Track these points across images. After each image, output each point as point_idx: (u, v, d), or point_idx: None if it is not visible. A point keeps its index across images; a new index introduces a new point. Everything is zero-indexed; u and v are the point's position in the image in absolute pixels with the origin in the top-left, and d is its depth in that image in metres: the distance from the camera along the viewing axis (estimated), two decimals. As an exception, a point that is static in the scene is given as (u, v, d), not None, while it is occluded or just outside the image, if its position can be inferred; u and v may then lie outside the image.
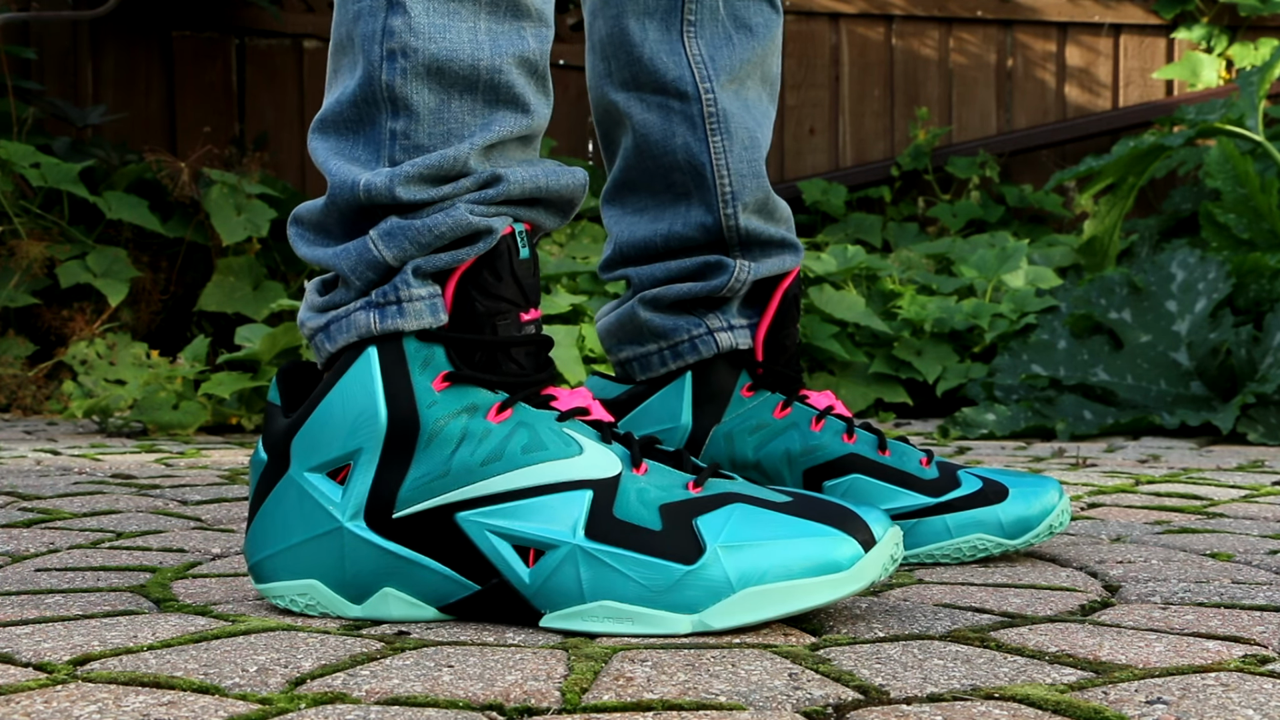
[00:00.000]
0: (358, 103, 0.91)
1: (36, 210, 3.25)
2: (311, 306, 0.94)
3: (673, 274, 1.19)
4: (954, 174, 4.24)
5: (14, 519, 1.35)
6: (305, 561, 0.90)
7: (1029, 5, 4.45)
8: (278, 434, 0.91)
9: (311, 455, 0.89)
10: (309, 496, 0.89)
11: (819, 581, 0.84)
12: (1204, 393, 2.66)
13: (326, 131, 0.93)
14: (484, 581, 0.87)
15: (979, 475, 1.13)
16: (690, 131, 1.17)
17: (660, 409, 1.17)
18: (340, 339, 0.90)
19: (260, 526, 0.92)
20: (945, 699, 0.70)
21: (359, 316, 0.89)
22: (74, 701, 0.68)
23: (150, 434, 2.48)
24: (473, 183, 0.90)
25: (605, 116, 1.22)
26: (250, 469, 0.94)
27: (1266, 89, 3.17)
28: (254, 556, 0.92)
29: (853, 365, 3.07)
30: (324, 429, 0.89)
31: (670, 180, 1.18)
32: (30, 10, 3.79)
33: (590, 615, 0.85)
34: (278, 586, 0.91)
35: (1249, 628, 0.87)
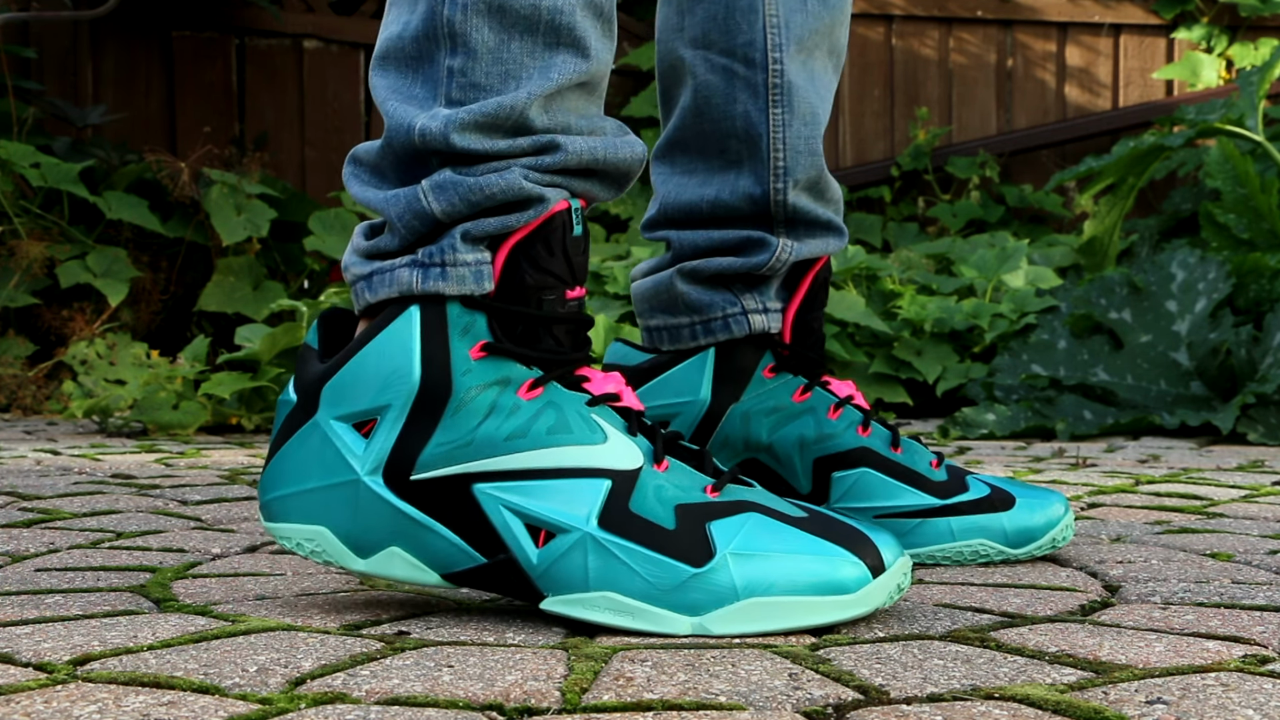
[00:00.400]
0: (419, 38, 0.89)
1: (36, 210, 3.25)
2: (357, 250, 0.92)
3: (714, 244, 1.17)
4: (954, 174, 4.24)
5: (14, 519, 1.35)
6: (317, 508, 0.90)
7: (1029, 5, 4.45)
8: (310, 378, 0.90)
9: (340, 404, 0.89)
10: (331, 444, 0.89)
11: (823, 601, 0.85)
12: (1204, 393, 2.66)
13: (386, 67, 0.92)
14: (491, 555, 0.87)
15: (988, 482, 1.13)
16: (752, 99, 1.15)
17: (680, 381, 1.16)
18: (381, 291, 0.89)
19: (278, 466, 0.91)
20: (945, 699, 0.70)
21: (402, 273, 0.88)
22: (74, 701, 0.68)
23: (150, 434, 2.48)
24: (531, 145, 0.89)
25: (669, 71, 1.19)
26: (277, 408, 0.93)
27: (1266, 89, 3.17)
28: (267, 494, 0.92)
29: (853, 365, 3.07)
30: (356, 380, 0.88)
31: (724, 146, 1.16)
32: (30, 10, 3.79)
33: (592, 604, 0.85)
34: (286, 528, 0.91)
35: (1249, 628, 0.87)
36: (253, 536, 1.26)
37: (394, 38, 0.91)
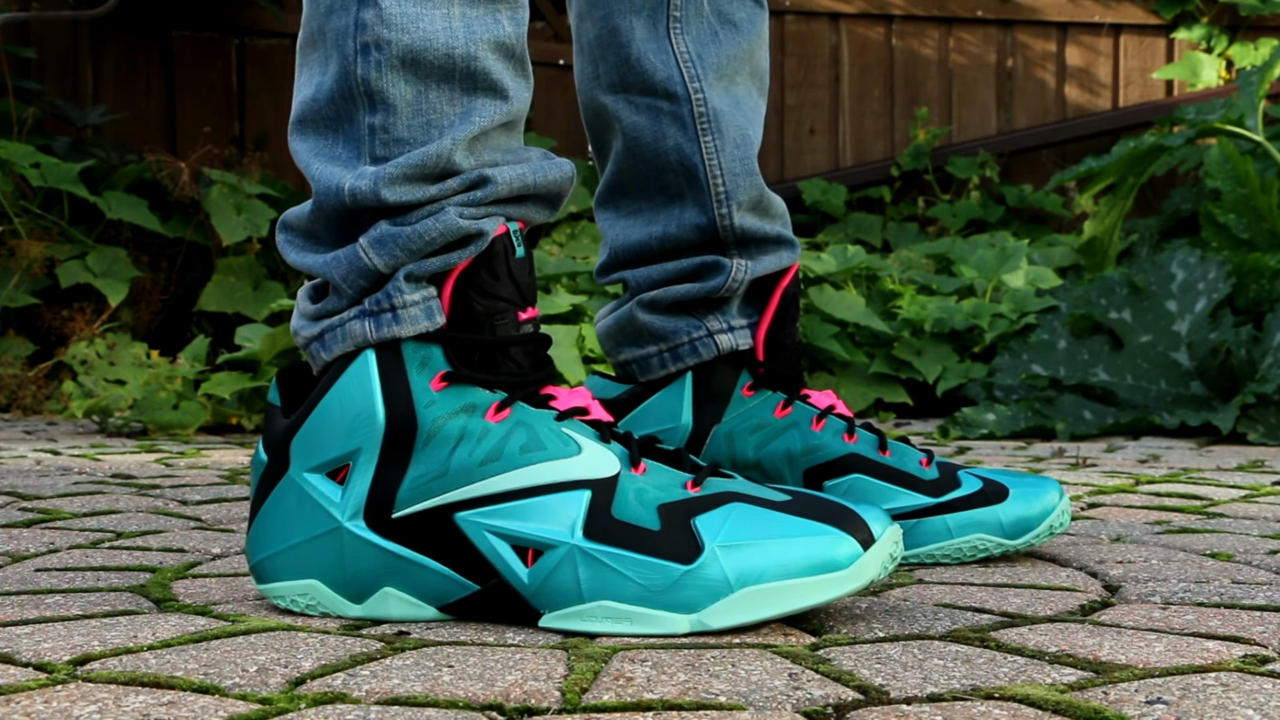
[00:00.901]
0: (335, 99, 0.90)
1: (36, 210, 3.25)
2: (304, 314, 0.93)
3: (670, 275, 1.18)
4: (954, 174, 4.25)
5: (14, 519, 1.35)
6: (306, 561, 0.90)
7: (1029, 5, 4.45)
8: (277, 435, 0.91)
9: (310, 455, 0.89)
10: (308, 497, 0.89)
11: (818, 580, 0.84)
12: (1204, 393, 2.66)
13: (305, 131, 0.92)
14: (483, 581, 0.87)
15: (979, 475, 1.13)
16: (681, 132, 1.16)
17: (661, 409, 1.17)
18: (335, 348, 0.90)
19: (261, 527, 0.92)
20: (945, 699, 0.70)
21: (354, 326, 0.89)
22: (74, 701, 0.68)
23: (150, 434, 2.48)
24: (460, 184, 0.90)
25: (595, 120, 1.21)
26: (251, 469, 0.94)
27: (1266, 89, 3.17)
28: (255, 557, 0.92)
29: (853, 365, 3.07)
30: (322, 430, 0.89)
31: (663, 182, 1.18)
32: (30, 10, 3.79)
33: (589, 615, 0.85)
34: (279, 587, 0.91)
35: (1249, 628, 0.87)
36: (253, 536, 1.26)
37: (309, 100, 0.91)
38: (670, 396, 1.17)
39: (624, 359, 1.20)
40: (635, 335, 1.18)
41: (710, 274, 1.17)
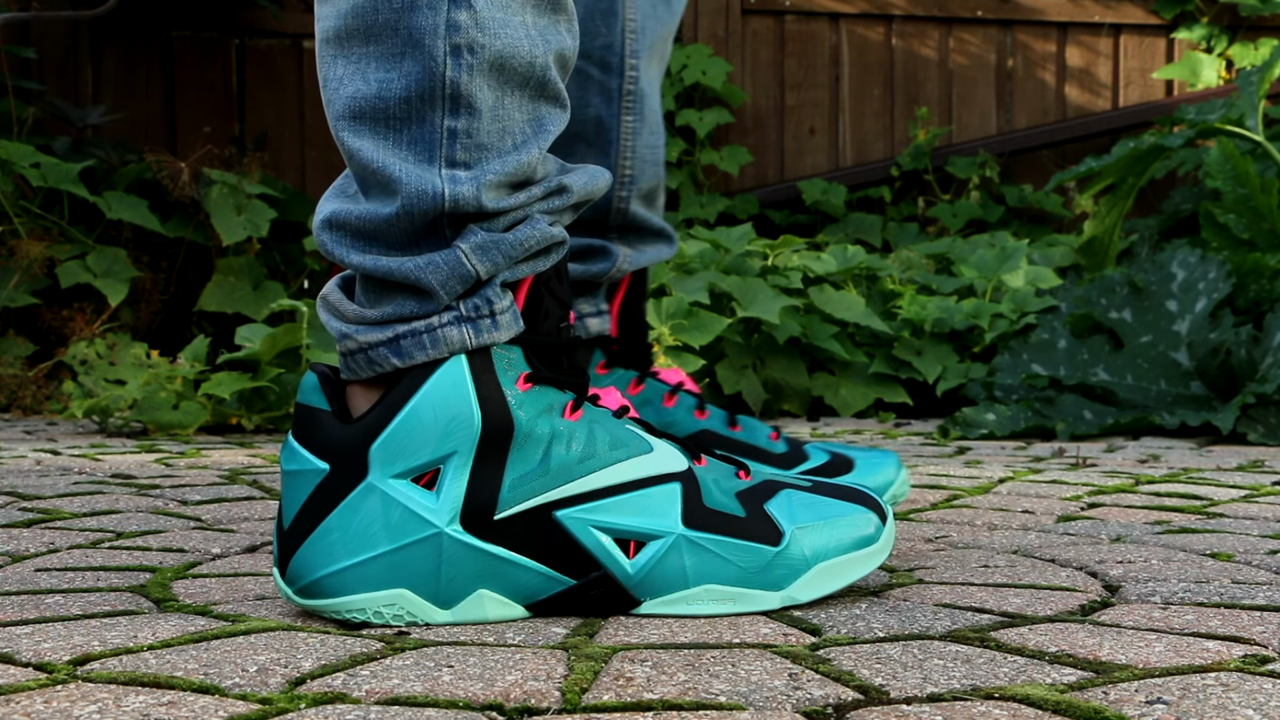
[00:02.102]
0: (409, 99, 0.87)
1: (36, 210, 3.25)
2: (359, 320, 0.90)
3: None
4: (954, 174, 4.24)
5: (14, 519, 1.35)
6: (394, 571, 0.87)
7: (1029, 5, 4.45)
8: (345, 441, 0.87)
9: (396, 461, 0.87)
10: (397, 504, 0.87)
11: (862, 554, 0.95)
12: (1204, 393, 2.66)
13: (361, 127, 0.88)
14: (580, 575, 0.89)
15: (826, 449, 1.15)
16: (605, 104, 1.13)
17: None
18: (419, 354, 0.88)
19: (324, 541, 0.87)
20: (945, 699, 0.70)
21: (450, 332, 0.88)
22: (74, 701, 0.68)
23: (150, 434, 2.48)
24: (543, 191, 0.91)
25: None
26: (294, 481, 0.88)
27: (1266, 89, 3.17)
28: (318, 571, 0.87)
29: (853, 365, 3.07)
30: (411, 435, 0.87)
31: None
32: (30, 10, 3.79)
33: (694, 599, 0.91)
34: (357, 600, 0.87)
35: (1249, 628, 0.87)
36: (253, 536, 1.26)
37: (372, 97, 0.87)
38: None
39: None
40: None
41: (596, 258, 1.14)
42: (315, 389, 0.89)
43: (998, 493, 1.61)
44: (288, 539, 0.88)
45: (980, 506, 1.49)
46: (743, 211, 4.20)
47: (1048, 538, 1.26)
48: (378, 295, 0.90)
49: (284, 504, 0.89)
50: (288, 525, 0.88)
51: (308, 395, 0.89)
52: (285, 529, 0.89)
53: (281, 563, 0.89)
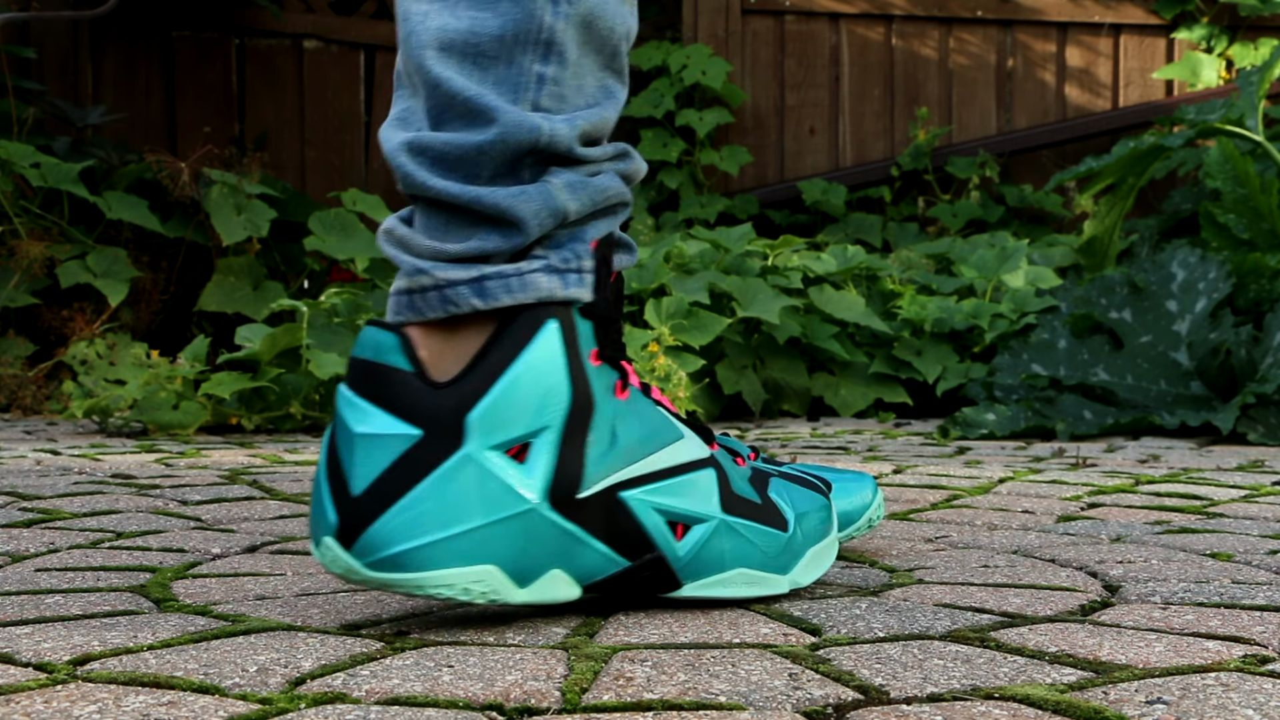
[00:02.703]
0: (503, 38, 0.84)
1: (36, 210, 3.25)
2: (436, 254, 0.85)
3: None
4: (954, 174, 4.25)
5: (14, 519, 1.35)
6: (485, 546, 0.82)
7: (1029, 5, 4.45)
8: (441, 408, 0.82)
9: (495, 432, 0.82)
10: (493, 477, 0.82)
11: (830, 540, 1.01)
12: (1204, 393, 2.66)
13: (450, 59, 0.85)
14: (636, 557, 0.89)
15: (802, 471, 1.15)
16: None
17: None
18: (505, 297, 0.84)
19: (415, 510, 0.81)
20: (945, 699, 0.70)
21: (539, 279, 0.85)
22: (74, 701, 0.68)
23: (150, 434, 2.48)
24: (613, 152, 0.90)
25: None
26: (362, 444, 0.81)
27: (1266, 89, 3.17)
28: (400, 544, 0.81)
29: (853, 365, 3.07)
30: (512, 405, 0.83)
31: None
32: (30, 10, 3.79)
33: (730, 583, 0.93)
34: (445, 575, 0.82)
35: (1249, 628, 0.87)
36: (253, 536, 1.26)
37: (466, 31, 0.85)
38: None
39: None
40: None
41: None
42: (396, 348, 0.82)
43: (998, 493, 1.61)
44: (359, 507, 0.81)
45: (980, 506, 1.49)
46: (743, 211, 4.20)
47: (1048, 538, 1.26)
48: (457, 227, 0.86)
49: (350, 469, 0.81)
50: (359, 492, 0.81)
51: (385, 354, 0.82)
52: (355, 495, 0.81)
53: (347, 533, 0.81)
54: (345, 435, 0.82)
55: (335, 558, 0.82)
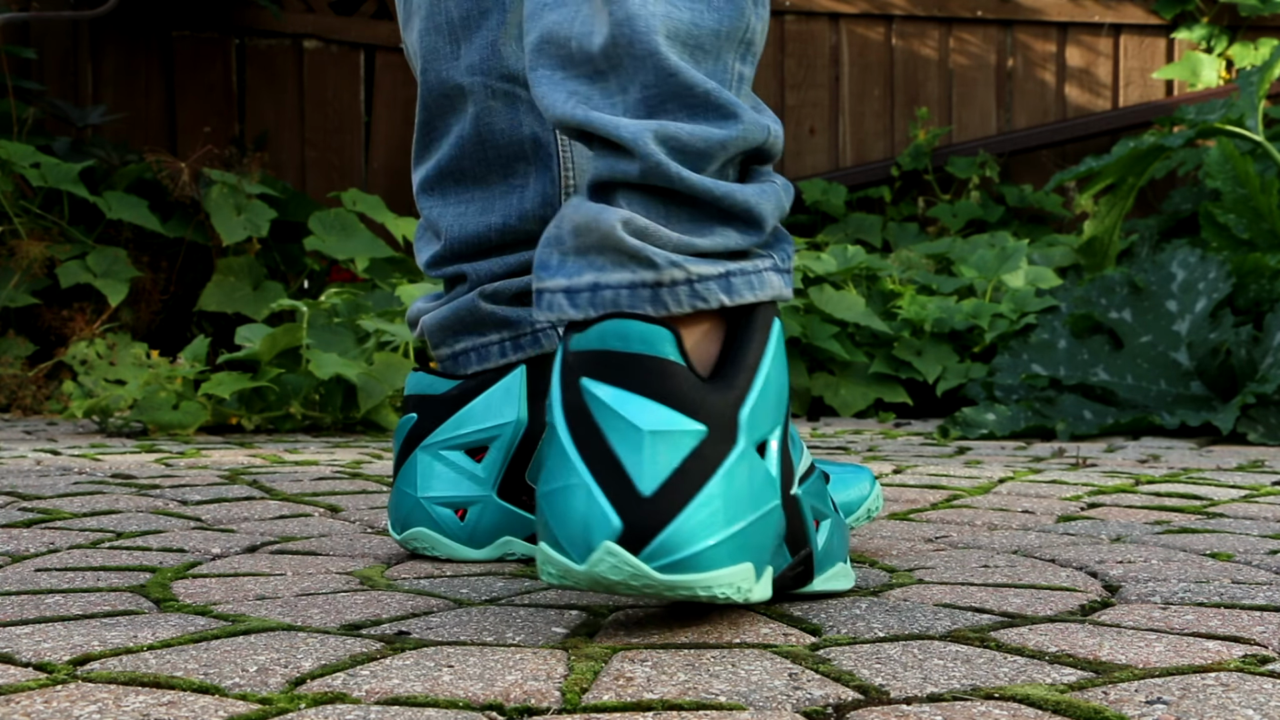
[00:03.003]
0: (720, 33, 0.84)
1: (36, 210, 3.25)
2: (688, 248, 0.83)
3: (511, 269, 1.15)
4: (954, 174, 4.25)
5: (14, 519, 1.35)
6: (748, 543, 0.80)
7: (1029, 5, 4.45)
8: (721, 404, 0.79)
9: (757, 428, 0.81)
10: (760, 470, 0.81)
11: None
12: (1204, 393, 2.66)
13: (675, 46, 0.83)
14: (795, 553, 0.89)
15: None
16: (538, 122, 1.13)
17: (494, 404, 1.12)
18: (748, 294, 0.83)
19: (709, 510, 0.78)
20: (945, 699, 0.70)
21: (772, 277, 0.85)
22: (74, 701, 0.68)
23: (150, 434, 2.48)
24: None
25: (442, 100, 1.15)
26: (653, 441, 0.77)
27: (1266, 89, 3.17)
28: (695, 545, 0.77)
29: (853, 365, 3.07)
30: (766, 401, 0.82)
31: (511, 170, 1.14)
32: (30, 10, 3.79)
33: (836, 577, 0.95)
34: (723, 575, 0.79)
35: (1249, 628, 0.87)
36: (253, 536, 1.26)
37: (687, 23, 0.83)
38: (503, 391, 1.12)
39: (461, 348, 1.15)
40: (476, 324, 1.14)
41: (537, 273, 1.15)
42: (671, 341, 0.78)
43: (998, 493, 1.61)
44: (655, 508, 0.77)
45: (980, 506, 1.49)
46: (743, 211, 4.19)
47: (1048, 538, 1.26)
48: (703, 222, 0.84)
49: (637, 467, 0.77)
50: (651, 492, 0.77)
51: (660, 348, 0.78)
52: (648, 496, 0.77)
53: (637, 536, 0.76)
54: (626, 432, 0.77)
55: (618, 564, 0.77)
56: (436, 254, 1.17)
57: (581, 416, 0.78)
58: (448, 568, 1.09)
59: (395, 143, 4.16)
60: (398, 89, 4.18)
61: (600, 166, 0.84)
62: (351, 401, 2.58)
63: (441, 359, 1.17)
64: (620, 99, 0.83)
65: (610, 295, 0.82)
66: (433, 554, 1.13)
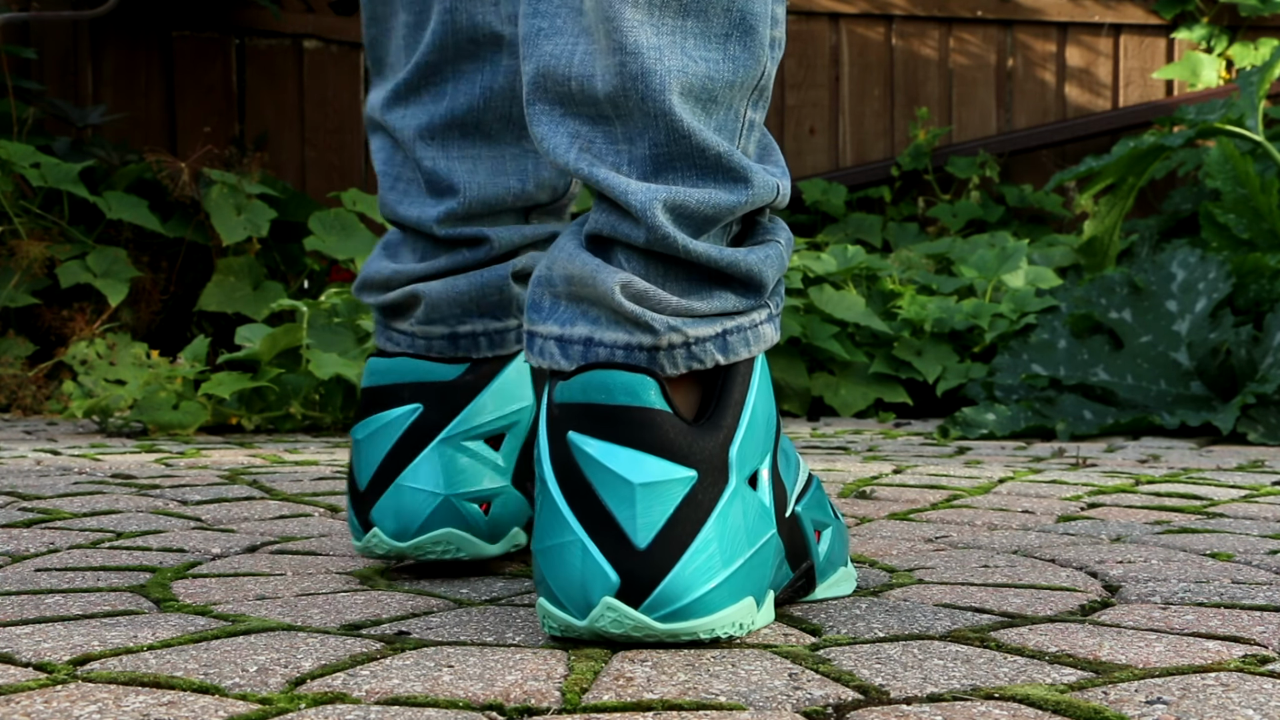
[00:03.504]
0: (734, 84, 0.82)
1: (36, 210, 3.25)
2: (687, 312, 0.82)
3: (529, 240, 1.05)
4: (954, 174, 4.24)
5: (14, 519, 1.35)
6: (748, 578, 0.81)
7: (1029, 5, 4.45)
8: (709, 447, 0.79)
9: (747, 464, 0.82)
10: (752, 505, 0.82)
11: None
12: (1204, 393, 2.66)
13: (688, 103, 0.80)
14: (795, 567, 0.90)
15: None
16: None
17: (512, 388, 1.04)
18: (744, 351, 0.83)
19: (705, 554, 0.78)
20: (945, 699, 0.70)
21: (766, 329, 0.85)
22: (74, 701, 0.68)
23: (150, 434, 2.48)
24: None
25: (467, 46, 1.03)
26: (643, 495, 0.77)
27: (1266, 89, 3.17)
28: (694, 592, 0.77)
29: (853, 365, 3.07)
30: (753, 436, 0.82)
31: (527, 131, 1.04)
32: (30, 10, 3.79)
33: (839, 582, 0.97)
34: (726, 615, 0.79)
35: (1249, 628, 0.87)
36: (253, 536, 1.26)
37: (702, 76, 0.80)
38: (517, 374, 1.04)
39: (467, 330, 1.04)
40: (501, 306, 1.04)
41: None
42: (655, 390, 0.78)
43: (998, 493, 1.61)
44: (651, 560, 0.77)
45: (980, 506, 1.49)
46: (743, 211, 4.19)
47: (1048, 538, 1.26)
48: (702, 286, 0.83)
49: (630, 521, 0.77)
50: (646, 544, 0.76)
51: (644, 397, 0.78)
52: (644, 549, 0.76)
53: (637, 590, 0.76)
54: (616, 487, 0.77)
55: (619, 618, 0.77)
56: (450, 210, 1.03)
57: (571, 472, 0.78)
58: (448, 567, 1.09)
59: (395, 143, 4.15)
60: (398, 89, 4.18)
61: (602, 222, 0.82)
62: (351, 401, 2.58)
63: (431, 337, 1.04)
64: (627, 151, 0.81)
65: (605, 354, 0.81)
66: (454, 557, 1.02)
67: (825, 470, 1.86)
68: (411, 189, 1.05)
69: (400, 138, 1.04)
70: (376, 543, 1.01)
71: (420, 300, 1.03)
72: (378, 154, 1.07)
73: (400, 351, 1.04)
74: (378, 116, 1.06)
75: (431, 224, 1.03)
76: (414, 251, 1.06)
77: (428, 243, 1.05)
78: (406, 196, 1.05)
